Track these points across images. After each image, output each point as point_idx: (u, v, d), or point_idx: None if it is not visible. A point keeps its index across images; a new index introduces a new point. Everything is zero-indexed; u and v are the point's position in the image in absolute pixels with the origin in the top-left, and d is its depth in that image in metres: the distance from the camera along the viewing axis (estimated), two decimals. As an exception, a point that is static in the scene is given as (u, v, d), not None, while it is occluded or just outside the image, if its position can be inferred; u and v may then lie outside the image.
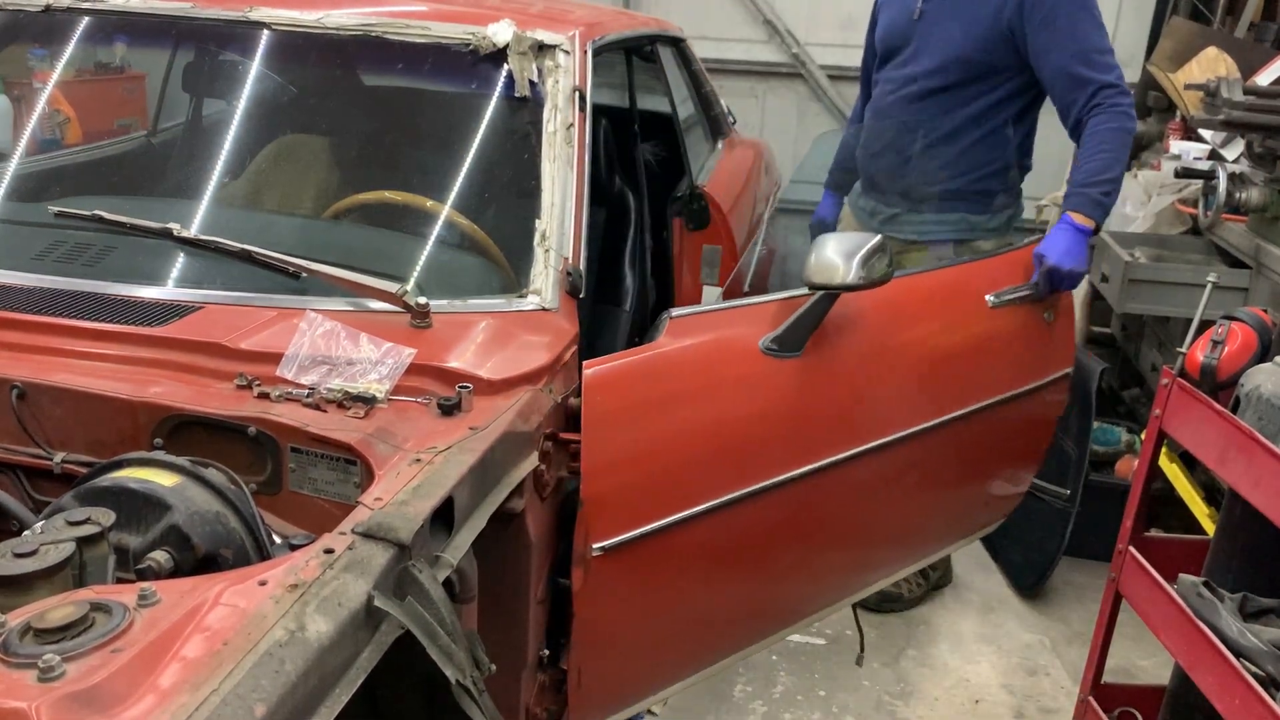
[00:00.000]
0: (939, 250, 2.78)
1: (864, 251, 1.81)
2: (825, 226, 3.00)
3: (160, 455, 1.31)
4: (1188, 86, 3.56)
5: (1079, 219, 2.39)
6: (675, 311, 1.83)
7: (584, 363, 1.69)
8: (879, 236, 1.87)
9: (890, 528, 2.28)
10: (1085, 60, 2.48)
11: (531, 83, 2.03)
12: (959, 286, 2.29)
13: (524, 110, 2.04)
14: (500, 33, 2.05)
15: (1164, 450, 2.43)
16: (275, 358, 1.54)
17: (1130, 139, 2.50)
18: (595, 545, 1.69)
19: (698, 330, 1.84)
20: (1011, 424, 2.39)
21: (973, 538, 2.65)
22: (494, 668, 1.34)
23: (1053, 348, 2.43)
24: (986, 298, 2.24)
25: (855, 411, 2.02)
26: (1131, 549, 1.94)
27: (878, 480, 2.11)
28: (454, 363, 1.59)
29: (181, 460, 1.29)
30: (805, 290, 1.87)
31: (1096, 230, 2.47)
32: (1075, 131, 2.52)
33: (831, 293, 1.85)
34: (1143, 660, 2.81)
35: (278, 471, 1.45)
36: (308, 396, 1.49)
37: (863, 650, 2.72)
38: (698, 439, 1.80)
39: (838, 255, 1.81)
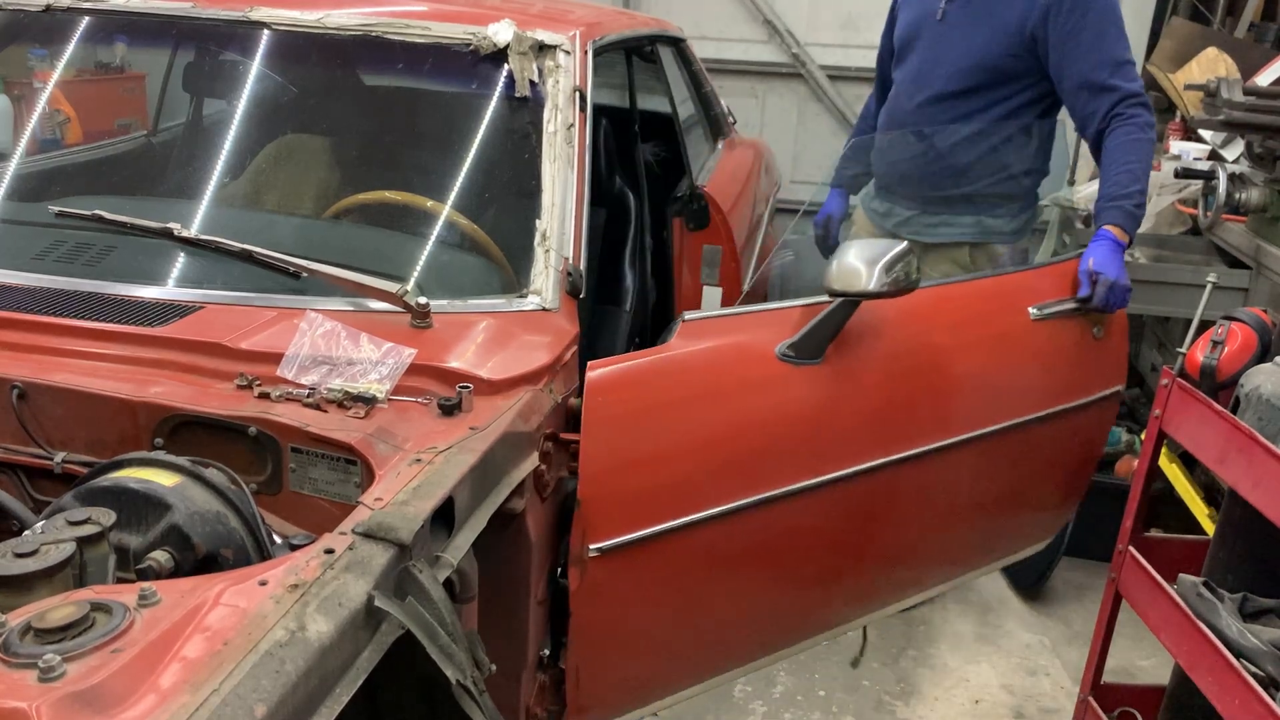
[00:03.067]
0: (952, 252, 2.75)
1: (888, 258, 1.75)
2: (832, 224, 2.97)
3: (161, 455, 1.31)
4: (1188, 87, 3.56)
5: (1117, 233, 2.32)
6: (689, 315, 1.81)
7: (588, 364, 1.68)
8: (905, 244, 1.80)
9: (912, 546, 2.21)
10: (1109, 70, 2.43)
11: (532, 83, 2.03)
12: (995, 296, 2.23)
13: (524, 110, 2.04)
14: (500, 33, 2.05)
15: (1164, 450, 2.44)
16: (275, 358, 1.54)
17: (1152, 150, 2.46)
18: (593, 546, 1.69)
19: (711, 334, 1.83)
20: (1056, 441, 2.31)
21: (1006, 562, 2.53)
22: (494, 668, 1.34)
23: (1103, 363, 2.34)
24: (1029, 310, 2.17)
25: (878, 422, 1.94)
26: (1131, 549, 1.95)
27: (900, 495, 2.05)
28: (454, 363, 1.59)
29: (182, 460, 1.29)
30: (825, 297, 1.82)
31: (1130, 243, 2.40)
32: (1096, 142, 2.48)
33: (852, 300, 1.79)
34: (1143, 660, 2.81)
35: (278, 471, 1.45)
36: (308, 396, 1.49)
37: (861, 654, 2.71)
38: (707, 443, 1.77)
39: (860, 261, 1.75)
